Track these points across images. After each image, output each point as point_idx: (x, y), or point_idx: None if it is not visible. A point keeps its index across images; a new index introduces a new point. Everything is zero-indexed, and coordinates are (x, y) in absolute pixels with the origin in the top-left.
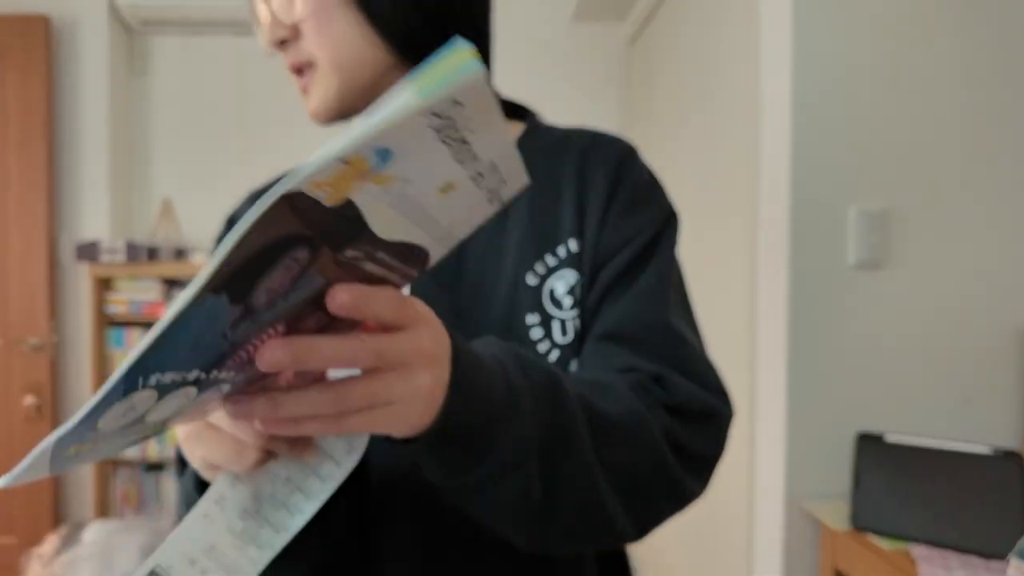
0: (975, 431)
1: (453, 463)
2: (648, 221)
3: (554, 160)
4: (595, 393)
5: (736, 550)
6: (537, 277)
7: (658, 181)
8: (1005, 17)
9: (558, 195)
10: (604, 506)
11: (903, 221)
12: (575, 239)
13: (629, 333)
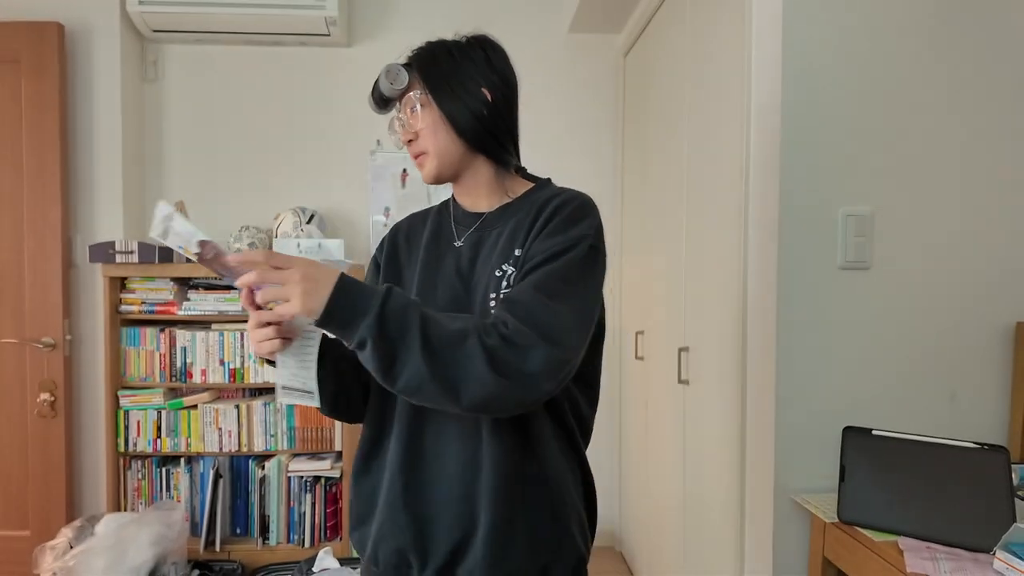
0: (961, 426)
1: (338, 333)
2: (560, 242)
3: (533, 204)
4: (444, 317)
5: (727, 542)
6: (501, 271)
7: (585, 219)
8: (987, 27)
9: (527, 225)
10: (426, 379)
11: (890, 223)
12: (520, 248)
13: (508, 297)
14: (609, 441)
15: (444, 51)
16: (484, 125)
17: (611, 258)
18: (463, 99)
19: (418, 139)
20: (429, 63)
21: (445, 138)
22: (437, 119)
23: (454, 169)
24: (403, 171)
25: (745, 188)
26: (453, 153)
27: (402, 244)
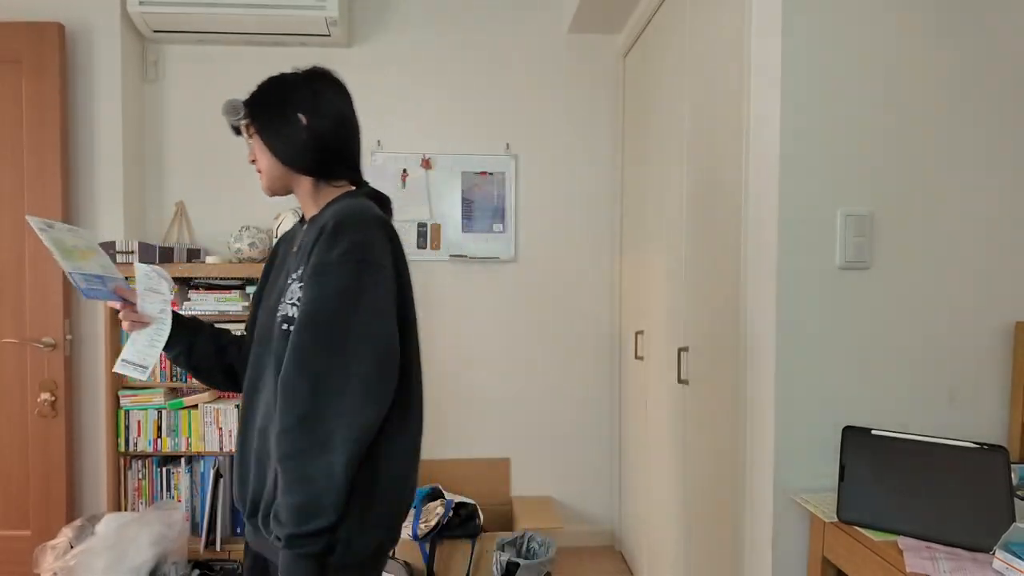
0: (960, 426)
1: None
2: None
3: (319, 220)
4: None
5: (727, 541)
6: (291, 280)
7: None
8: (987, 27)
9: (306, 243)
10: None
11: (889, 223)
12: (305, 264)
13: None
14: (609, 441)
15: (274, 86)
16: (300, 149)
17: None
18: (280, 128)
19: (256, 159)
20: (256, 98)
21: (269, 161)
22: (262, 145)
23: (281, 184)
24: (403, 171)
25: (744, 188)
26: (276, 172)
27: (280, 250)
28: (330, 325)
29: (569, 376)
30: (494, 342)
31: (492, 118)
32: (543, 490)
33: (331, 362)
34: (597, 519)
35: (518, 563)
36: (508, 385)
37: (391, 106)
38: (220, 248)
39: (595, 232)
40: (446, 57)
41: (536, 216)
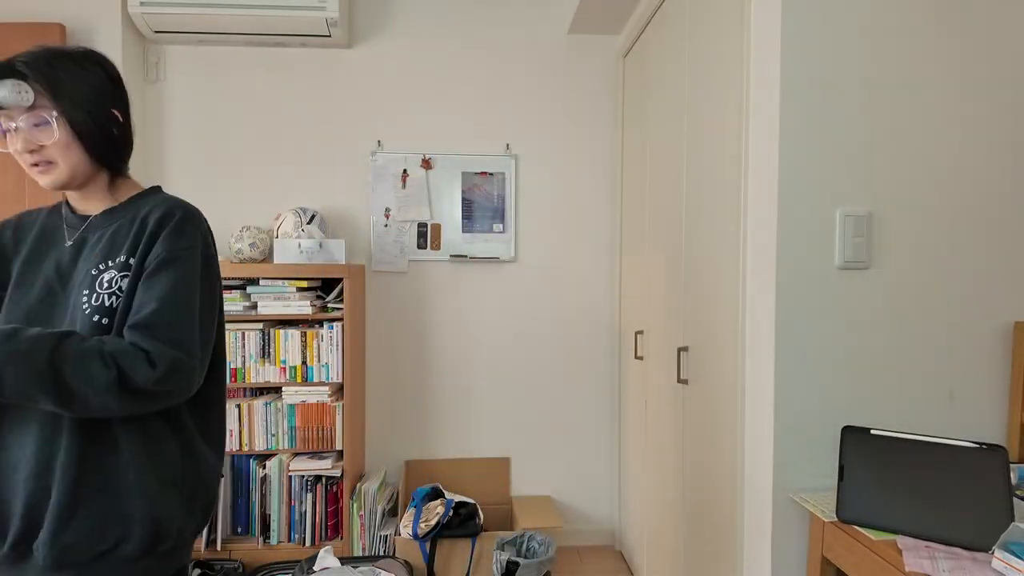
0: (960, 425)
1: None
2: (171, 249)
3: (136, 211)
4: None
5: (726, 541)
6: (96, 271)
7: (192, 232)
8: (987, 27)
9: (129, 230)
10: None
11: (888, 223)
12: (127, 254)
13: (143, 323)
14: (609, 440)
15: (69, 69)
16: (113, 143)
17: (611, 258)
18: (95, 120)
19: (42, 151)
20: (57, 81)
21: (77, 154)
22: (70, 137)
23: (81, 180)
24: (403, 171)
25: (744, 188)
26: (82, 167)
27: (8, 241)
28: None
29: (569, 376)
30: (494, 342)
31: (492, 118)
32: (543, 490)
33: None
34: (597, 519)
35: (518, 562)
36: (508, 385)
37: (391, 106)
38: (220, 248)
39: (595, 232)
40: (446, 57)
41: (536, 216)
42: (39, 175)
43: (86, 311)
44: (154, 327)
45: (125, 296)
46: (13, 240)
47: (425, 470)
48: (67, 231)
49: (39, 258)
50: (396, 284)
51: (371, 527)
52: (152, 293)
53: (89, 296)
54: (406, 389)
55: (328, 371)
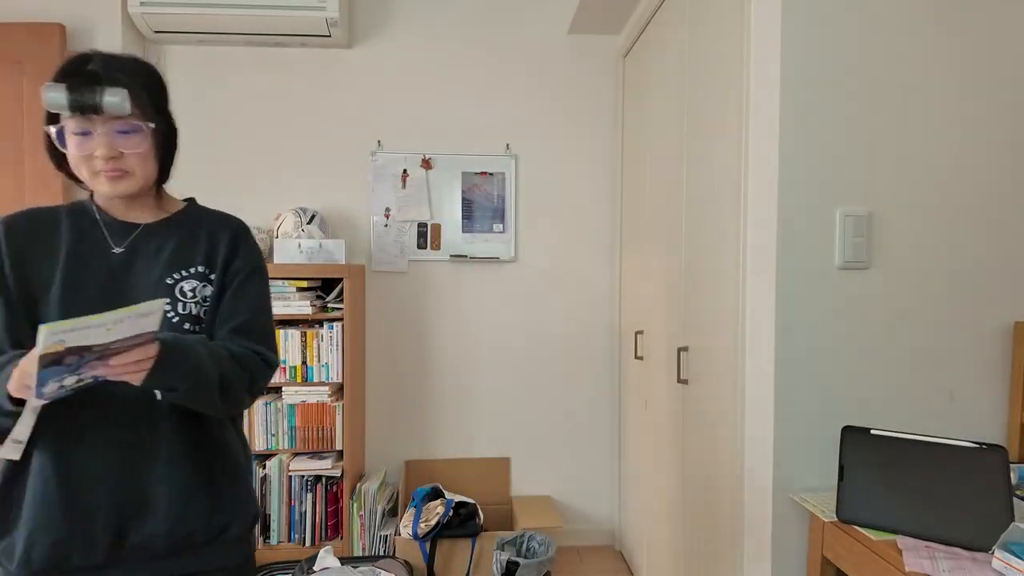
0: (960, 425)
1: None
2: (252, 264)
3: (195, 224)
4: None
5: (727, 541)
6: (172, 280)
7: (257, 246)
8: (986, 27)
9: (196, 242)
10: (211, 400)
11: (888, 223)
12: (203, 265)
13: (245, 328)
14: (609, 441)
15: (152, 78)
16: (174, 158)
17: (611, 257)
18: (169, 135)
19: (122, 159)
20: (150, 91)
21: (152, 167)
22: (150, 150)
23: (144, 191)
24: (403, 171)
25: (744, 188)
26: (151, 179)
27: (26, 241)
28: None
29: (569, 376)
30: (494, 342)
31: (492, 118)
32: (543, 490)
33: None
34: (597, 519)
35: (518, 562)
36: (508, 385)
37: (391, 106)
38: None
39: (595, 232)
40: (446, 57)
41: (536, 216)
42: (108, 181)
43: (173, 319)
44: (255, 332)
45: (210, 305)
46: (31, 244)
47: (425, 470)
48: (111, 238)
49: (83, 261)
50: (396, 284)
51: (371, 527)
52: (246, 302)
53: (174, 304)
54: (406, 389)
55: (328, 371)
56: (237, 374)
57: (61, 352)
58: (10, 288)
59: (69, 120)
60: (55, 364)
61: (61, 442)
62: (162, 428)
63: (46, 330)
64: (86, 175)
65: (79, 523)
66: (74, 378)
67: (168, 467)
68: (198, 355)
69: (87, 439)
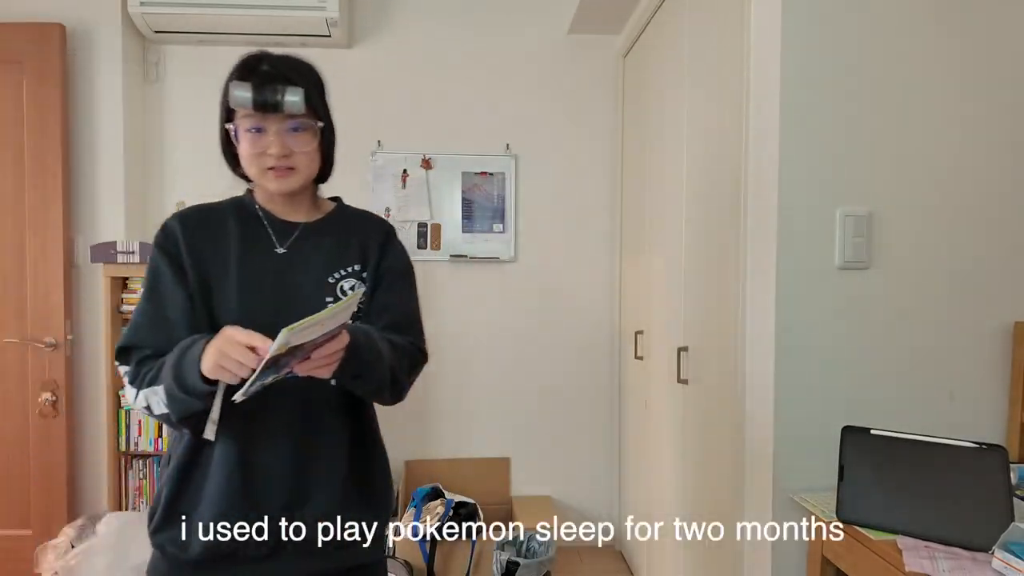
0: (960, 425)
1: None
2: (402, 262)
3: (348, 224)
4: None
5: (727, 541)
6: (333, 278)
7: (403, 247)
8: (987, 27)
9: (350, 242)
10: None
11: (888, 223)
12: (358, 264)
13: (398, 323)
14: (609, 441)
15: (320, 80)
16: (332, 156)
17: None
18: (331, 134)
19: (291, 156)
20: (320, 92)
21: (315, 165)
22: (316, 149)
23: (304, 188)
24: (403, 171)
25: (744, 188)
26: (312, 176)
27: (200, 237)
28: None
29: (569, 376)
30: (494, 342)
31: (492, 118)
32: (543, 490)
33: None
34: (597, 519)
35: (518, 562)
36: (508, 385)
37: (391, 106)
38: None
39: (595, 232)
40: (446, 57)
41: (536, 216)
42: (274, 179)
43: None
44: (411, 327)
45: (366, 302)
46: (206, 243)
47: (425, 470)
48: (275, 237)
49: (253, 258)
50: None
51: None
52: (397, 299)
53: (335, 302)
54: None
55: None
56: (402, 362)
57: (283, 353)
58: (189, 280)
59: (244, 118)
60: (270, 367)
61: (245, 434)
62: (327, 423)
63: (287, 332)
64: (255, 172)
65: (257, 515)
66: (273, 376)
67: (329, 463)
68: (377, 343)
69: (268, 431)
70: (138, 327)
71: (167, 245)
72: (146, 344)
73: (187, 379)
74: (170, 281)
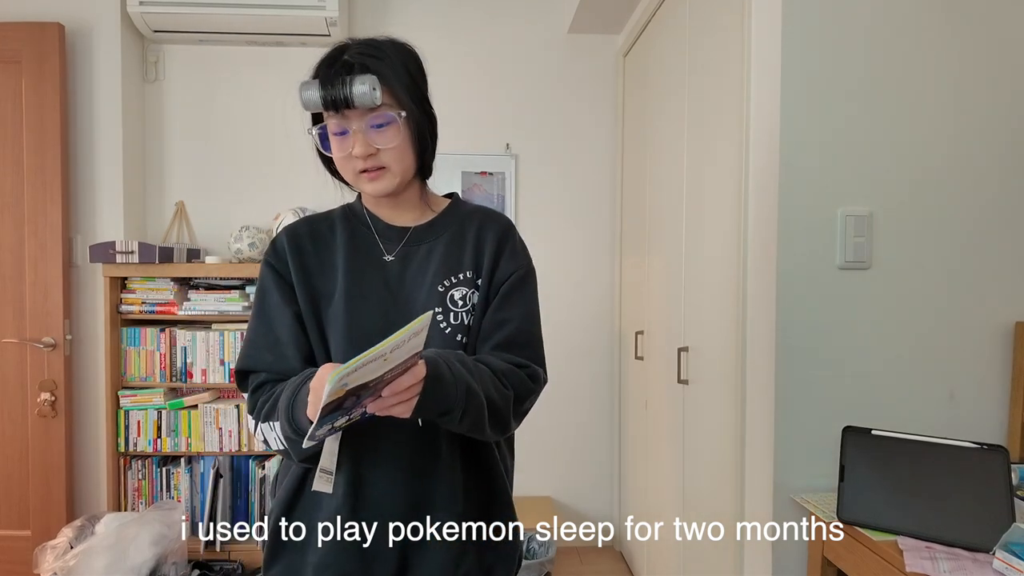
0: (960, 426)
1: (432, 414)
2: (521, 266)
3: (462, 223)
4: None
5: (727, 542)
6: (443, 287)
7: (524, 245)
8: (987, 27)
9: (463, 244)
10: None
11: (889, 223)
12: (471, 270)
13: (509, 341)
14: (609, 441)
15: (408, 62)
16: (435, 147)
17: (612, 258)
18: (426, 122)
19: (377, 155)
20: (402, 77)
21: (410, 159)
22: (407, 140)
23: (404, 187)
24: None
25: (744, 188)
26: (410, 173)
27: (308, 251)
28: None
29: (569, 376)
30: None
31: (492, 118)
32: (543, 490)
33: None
34: (597, 519)
35: None
36: None
37: None
38: (220, 248)
39: (595, 232)
40: (446, 57)
41: (536, 216)
42: (367, 182)
43: (446, 330)
44: (523, 345)
45: (478, 313)
46: (314, 253)
47: None
48: (383, 244)
49: (362, 273)
50: None
51: None
52: (515, 311)
53: (445, 314)
54: None
55: None
56: (502, 393)
57: (342, 396)
58: (296, 297)
59: (330, 120)
60: (335, 410)
61: (356, 471)
62: (443, 457)
63: (335, 378)
64: (351, 177)
65: (370, 560)
66: (344, 419)
67: (446, 499)
68: (464, 373)
69: (380, 466)
70: (250, 348)
71: (274, 261)
72: (260, 366)
73: (299, 423)
74: (277, 300)
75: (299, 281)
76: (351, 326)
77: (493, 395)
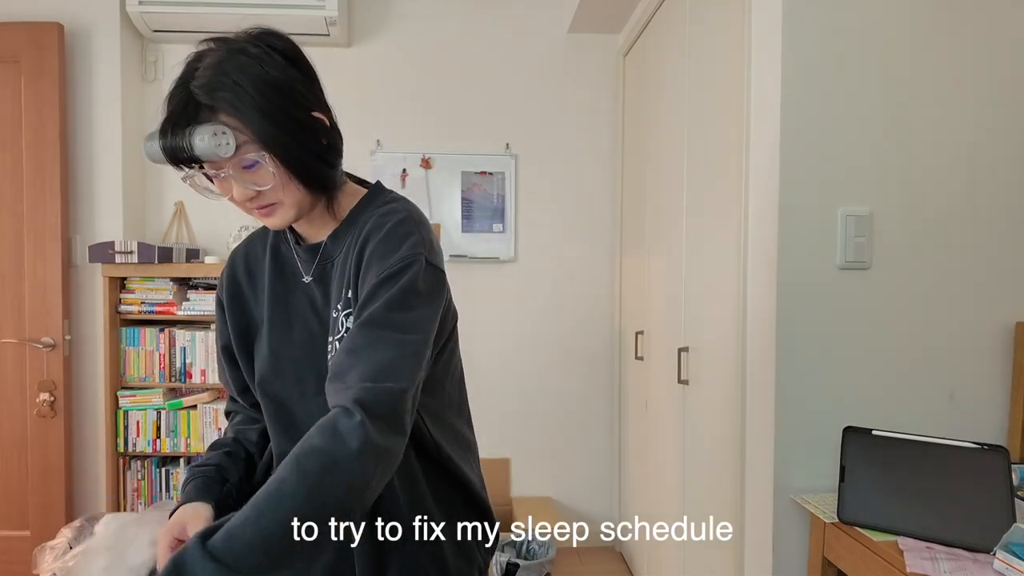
0: (961, 426)
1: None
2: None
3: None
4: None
5: (727, 542)
6: (336, 311)
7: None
8: (987, 27)
9: (351, 258)
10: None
11: (889, 223)
12: (351, 288)
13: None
14: (609, 441)
15: (263, 78)
16: (327, 160)
17: (612, 258)
18: (304, 143)
19: (261, 195)
20: (258, 106)
21: (296, 189)
22: (284, 175)
23: (309, 209)
24: (403, 171)
25: (745, 188)
26: (306, 198)
27: (243, 279)
28: None
29: (569, 376)
30: (494, 342)
31: (492, 118)
32: (543, 490)
33: None
34: (597, 519)
35: (518, 564)
36: (508, 385)
37: (391, 106)
38: (220, 248)
39: (595, 232)
40: (446, 57)
41: (536, 216)
42: (265, 218)
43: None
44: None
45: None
46: (248, 279)
47: None
48: (301, 264)
49: (287, 297)
50: None
51: None
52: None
53: (333, 345)
54: None
55: None
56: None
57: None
58: (226, 333)
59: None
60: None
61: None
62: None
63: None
64: (247, 212)
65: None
66: None
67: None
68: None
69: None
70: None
71: (218, 291)
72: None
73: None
74: (217, 332)
75: (231, 314)
76: (275, 359)
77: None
